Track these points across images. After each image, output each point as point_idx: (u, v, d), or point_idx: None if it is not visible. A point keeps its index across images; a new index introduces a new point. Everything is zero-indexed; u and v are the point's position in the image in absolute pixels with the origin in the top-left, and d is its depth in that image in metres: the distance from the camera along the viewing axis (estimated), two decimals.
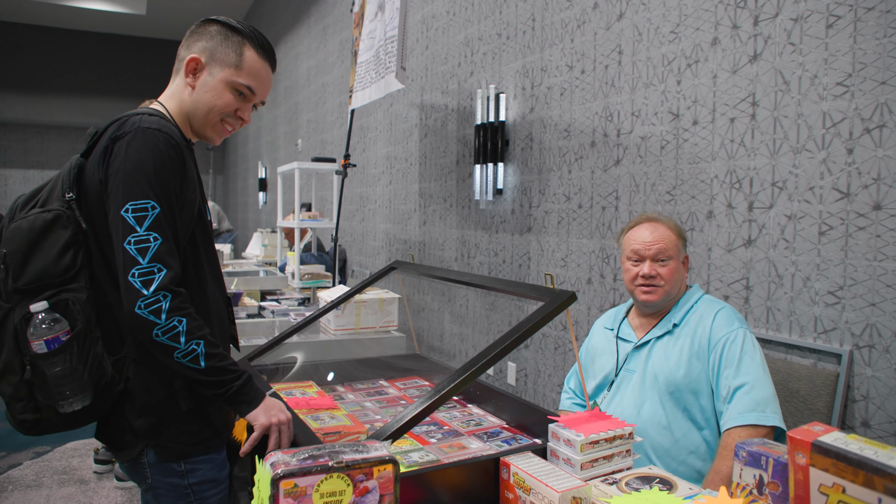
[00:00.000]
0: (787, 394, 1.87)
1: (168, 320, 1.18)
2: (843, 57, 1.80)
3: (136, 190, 1.20)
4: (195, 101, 1.36)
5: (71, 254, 1.23)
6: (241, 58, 1.36)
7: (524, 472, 1.18)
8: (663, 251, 1.72)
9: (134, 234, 1.19)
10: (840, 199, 1.82)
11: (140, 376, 1.28)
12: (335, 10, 6.24)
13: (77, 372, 1.19)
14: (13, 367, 1.21)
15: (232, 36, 1.36)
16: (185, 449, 1.31)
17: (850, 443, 0.81)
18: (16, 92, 12.29)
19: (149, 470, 1.31)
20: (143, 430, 1.28)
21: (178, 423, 1.30)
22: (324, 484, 0.97)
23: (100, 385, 1.23)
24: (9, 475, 3.36)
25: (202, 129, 1.40)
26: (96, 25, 12.27)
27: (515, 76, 3.28)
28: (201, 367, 1.22)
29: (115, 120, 1.28)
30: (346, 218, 5.90)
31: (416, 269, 2.01)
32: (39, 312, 1.18)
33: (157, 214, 1.21)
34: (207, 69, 1.36)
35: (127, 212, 1.19)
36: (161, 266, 1.19)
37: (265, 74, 1.42)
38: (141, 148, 1.22)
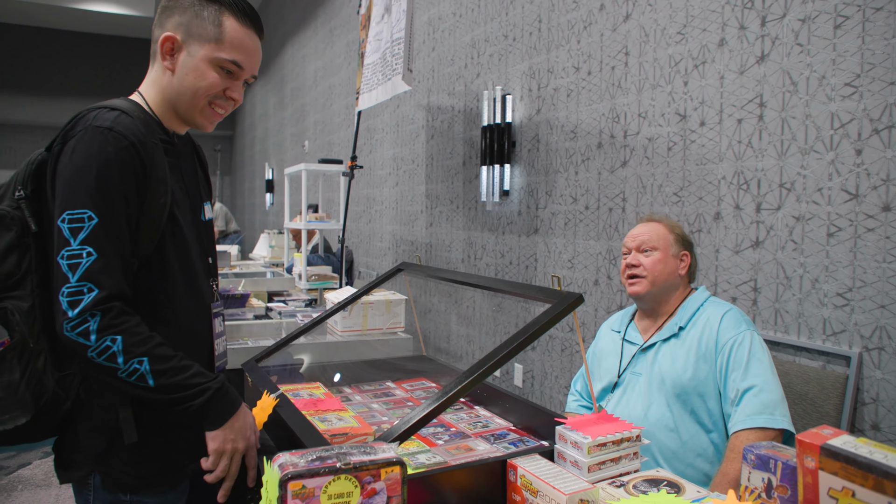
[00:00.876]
0: (795, 396, 1.86)
1: (99, 341, 1.07)
2: (851, 57, 1.80)
3: (74, 198, 1.09)
4: (177, 85, 1.23)
5: (14, 258, 1.12)
6: (221, 29, 1.21)
7: (531, 474, 1.18)
8: (646, 242, 1.76)
9: (67, 248, 1.08)
10: (849, 201, 1.81)
11: (94, 395, 1.18)
12: (342, 11, 6.26)
13: (12, 386, 1.09)
14: None
15: (208, 5, 1.20)
16: (134, 482, 1.20)
17: (860, 446, 0.80)
18: (25, 94, 12.39)
19: (92, 494, 1.20)
20: (92, 453, 1.18)
21: (129, 452, 1.18)
22: (332, 485, 0.97)
23: (40, 402, 1.12)
24: (18, 474, 3.38)
25: (190, 115, 1.26)
26: (104, 28, 12.36)
27: (522, 77, 3.28)
28: (150, 385, 1.11)
29: (77, 114, 1.17)
30: (352, 219, 5.91)
31: (422, 271, 2.01)
32: None
33: (94, 226, 1.08)
34: (185, 48, 1.21)
35: (63, 222, 1.08)
36: (91, 285, 1.07)
37: (251, 44, 1.25)
38: (86, 150, 1.10)
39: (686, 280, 1.80)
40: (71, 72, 12.69)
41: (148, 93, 1.26)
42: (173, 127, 1.30)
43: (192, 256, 1.28)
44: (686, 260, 1.79)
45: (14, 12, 11.32)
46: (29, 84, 12.40)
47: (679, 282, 1.78)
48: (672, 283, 1.76)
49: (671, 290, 1.77)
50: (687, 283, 1.80)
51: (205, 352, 1.34)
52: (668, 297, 1.77)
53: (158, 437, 1.22)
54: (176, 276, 1.23)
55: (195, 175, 1.37)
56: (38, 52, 12.46)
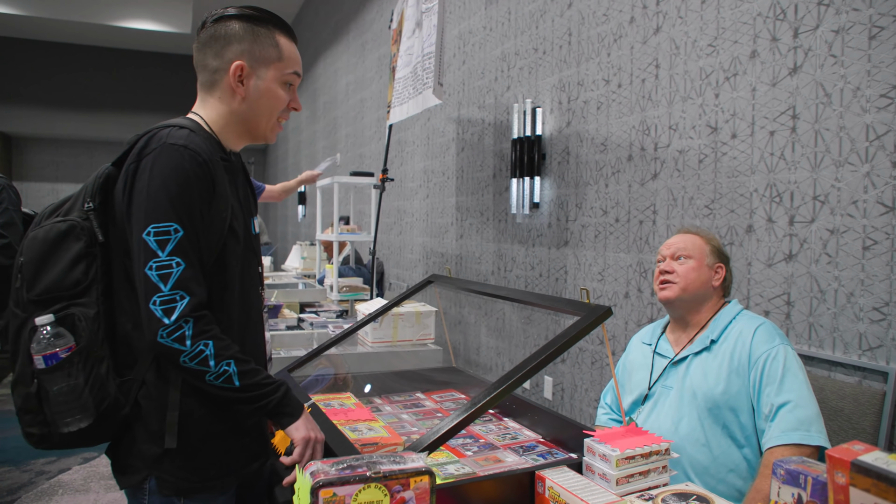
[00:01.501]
0: (830, 412, 1.83)
1: (194, 346, 1.14)
2: (886, 69, 1.77)
3: (159, 212, 1.15)
4: (251, 108, 1.31)
5: (82, 266, 1.18)
6: (280, 49, 1.31)
7: (559, 486, 1.18)
8: (681, 250, 1.77)
9: (156, 259, 1.13)
10: (885, 213, 1.78)
11: (152, 401, 1.22)
12: (373, 26, 6.35)
13: (77, 390, 1.14)
14: (24, 379, 1.17)
15: (260, 29, 1.29)
16: (186, 486, 1.23)
17: (892, 463, 0.79)
18: (68, 109, 12.78)
19: (147, 498, 1.24)
20: (149, 457, 1.22)
21: (183, 457, 1.23)
22: (362, 493, 0.99)
23: (101, 407, 1.17)
24: (59, 479, 3.47)
25: (263, 133, 1.35)
26: (143, 44, 12.71)
27: (552, 90, 3.29)
28: (236, 385, 1.18)
29: (146, 132, 1.24)
30: (383, 231, 5.97)
31: (452, 283, 2.03)
32: (44, 326, 1.14)
33: (180, 238, 1.15)
34: (254, 73, 1.29)
35: (149, 235, 1.14)
36: (183, 293, 1.14)
37: (297, 53, 1.37)
38: (165, 167, 1.16)
39: (720, 293, 1.79)
40: (111, 87, 13.05)
41: (208, 115, 1.32)
42: (230, 146, 1.36)
43: (246, 267, 1.34)
44: (721, 272, 1.78)
45: (58, 31, 11.71)
46: (71, 99, 12.79)
47: (711, 293, 1.76)
48: (704, 293, 1.75)
49: (702, 301, 1.76)
50: (720, 296, 1.79)
51: (260, 357, 1.40)
52: (699, 307, 1.76)
53: (211, 443, 1.26)
54: (234, 285, 1.29)
55: (246, 191, 1.43)
56: (80, 69, 12.85)
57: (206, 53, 1.30)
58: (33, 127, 12.64)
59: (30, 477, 3.49)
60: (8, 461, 3.70)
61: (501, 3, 3.83)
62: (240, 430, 1.30)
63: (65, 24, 11.09)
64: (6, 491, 3.30)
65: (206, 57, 1.30)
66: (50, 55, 12.61)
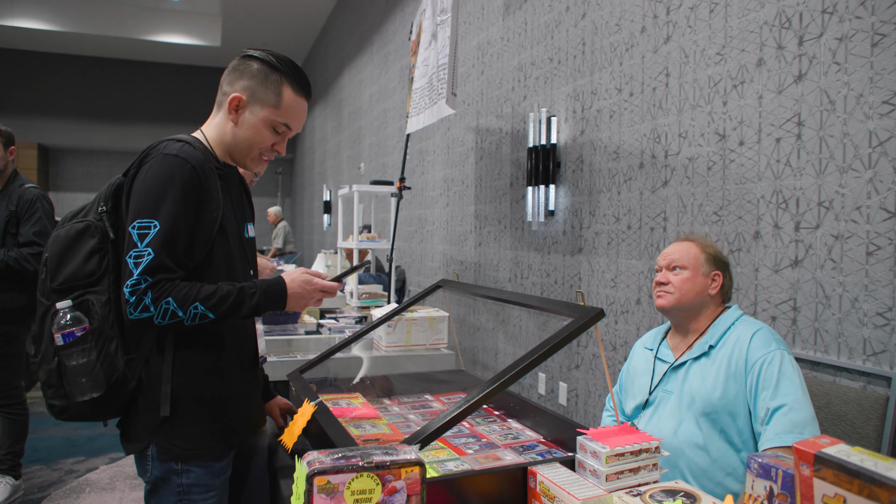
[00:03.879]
0: (834, 417, 1.84)
1: (158, 308, 1.29)
2: (888, 75, 1.79)
3: (144, 210, 1.32)
4: (236, 136, 1.47)
5: (96, 259, 1.36)
6: (280, 97, 1.46)
7: (549, 480, 1.22)
8: (676, 261, 1.80)
9: (134, 250, 1.30)
10: (888, 219, 1.79)
11: (152, 377, 1.38)
12: (396, 38, 6.45)
13: (90, 365, 1.31)
14: (47, 357, 1.35)
15: (271, 74, 1.45)
16: (183, 452, 1.39)
17: (853, 454, 0.82)
18: (102, 121, 13.15)
19: (150, 464, 1.40)
20: (150, 426, 1.38)
21: (178, 426, 1.38)
22: (355, 482, 1.04)
23: (111, 380, 1.33)
24: (87, 478, 3.59)
25: (242, 161, 1.52)
26: (175, 57, 13.04)
27: (566, 99, 3.34)
28: (212, 318, 1.34)
29: (150, 145, 1.41)
30: (405, 239, 6.04)
31: (460, 288, 2.08)
32: (63, 309, 1.31)
33: (156, 233, 1.30)
34: (249, 108, 1.45)
35: (133, 228, 1.31)
36: (148, 277, 1.29)
37: (301, 109, 1.51)
38: (156, 173, 1.34)
39: (718, 299, 1.80)
40: (143, 99, 13.40)
41: (209, 132, 1.51)
42: (225, 160, 1.53)
43: (236, 265, 1.49)
44: (718, 280, 1.79)
45: (93, 45, 12.07)
46: (105, 112, 13.16)
47: (709, 301, 1.78)
48: (700, 302, 1.77)
49: (700, 308, 1.78)
50: (719, 303, 1.81)
51: (249, 345, 1.56)
52: (696, 314, 1.78)
53: (202, 413, 1.41)
54: (222, 279, 1.43)
55: (241, 198, 1.60)
56: (114, 82, 13.23)
57: (225, 79, 1.49)
58: (69, 138, 13.03)
59: (59, 475, 3.61)
60: (40, 460, 3.84)
61: (518, 15, 3.89)
62: (228, 403, 1.45)
63: (100, 38, 11.44)
64: (37, 488, 3.42)
65: (224, 82, 1.49)
66: (86, 69, 13.00)
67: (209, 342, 1.42)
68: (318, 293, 1.50)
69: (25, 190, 3.11)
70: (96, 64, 13.05)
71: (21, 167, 11.60)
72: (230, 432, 1.46)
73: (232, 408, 1.46)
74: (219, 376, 1.44)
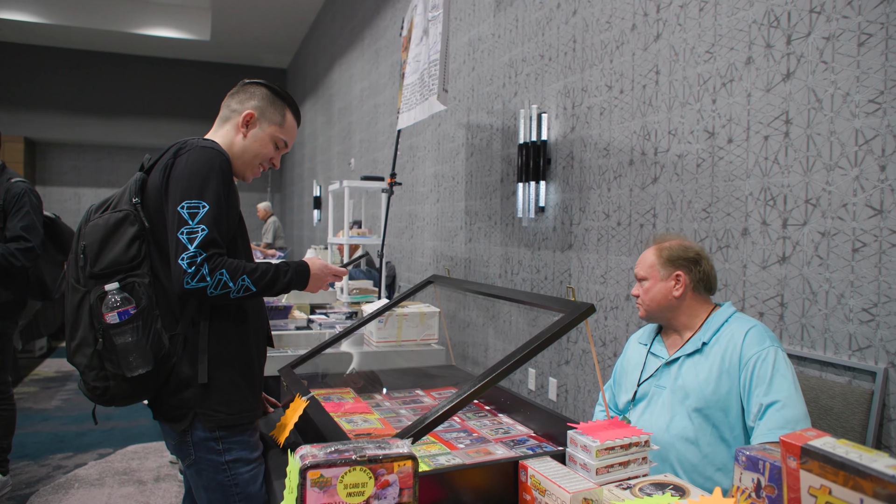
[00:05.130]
0: (821, 411, 1.86)
1: (213, 279, 1.42)
2: (874, 74, 1.81)
3: (192, 191, 1.45)
4: (245, 147, 1.66)
5: (137, 245, 1.48)
6: (284, 118, 1.70)
7: (540, 474, 1.24)
8: (638, 273, 1.88)
9: (186, 227, 1.42)
10: (873, 216, 1.82)
11: (189, 353, 1.51)
12: (387, 34, 6.44)
13: (141, 342, 1.43)
14: (88, 341, 1.45)
15: (276, 100, 1.69)
16: (226, 419, 1.52)
17: (838, 446, 0.84)
18: (90, 115, 13.04)
19: (192, 448, 1.53)
20: (190, 400, 1.51)
21: (218, 394, 1.52)
22: (347, 476, 1.05)
23: (159, 355, 1.45)
24: (75, 474, 3.58)
25: (243, 169, 1.68)
26: (164, 51, 12.94)
27: (557, 96, 3.35)
28: (254, 290, 1.49)
29: (176, 143, 1.56)
30: (395, 235, 6.04)
31: (450, 283, 2.09)
32: (112, 291, 1.43)
33: (206, 212, 1.45)
34: (259, 124, 1.66)
35: (182, 208, 1.44)
36: (202, 251, 1.42)
37: (295, 131, 1.76)
38: (198, 160, 1.49)
39: (695, 295, 1.80)
40: (132, 93, 13.30)
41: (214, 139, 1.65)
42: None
43: (250, 251, 1.70)
44: (681, 279, 1.79)
45: (81, 38, 11.96)
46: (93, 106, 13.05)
47: (679, 301, 1.79)
48: (669, 305, 1.79)
49: (674, 310, 1.80)
50: (701, 298, 1.81)
51: (264, 322, 1.72)
52: (676, 315, 1.80)
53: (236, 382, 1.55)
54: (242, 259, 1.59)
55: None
56: (102, 76, 13.11)
57: (234, 98, 1.69)
58: (56, 132, 12.91)
59: (47, 471, 3.59)
60: (27, 456, 3.82)
61: (509, 11, 3.90)
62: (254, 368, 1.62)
63: (88, 31, 11.33)
64: (25, 484, 3.40)
65: (232, 101, 1.69)
66: (73, 62, 12.88)
67: (237, 315, 1.57)
68: (331, 276, 1.70)
69: (13, 184, 3.08)
70: (84, 57, 12.93)
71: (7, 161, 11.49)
72: (257, 396, 1.61)
73: (255, 373, 1.62)
74: (246, 346, 1.59)
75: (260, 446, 1.61)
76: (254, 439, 1.59)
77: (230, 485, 1.53)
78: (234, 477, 1.53)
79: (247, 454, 1.55)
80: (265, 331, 1.72)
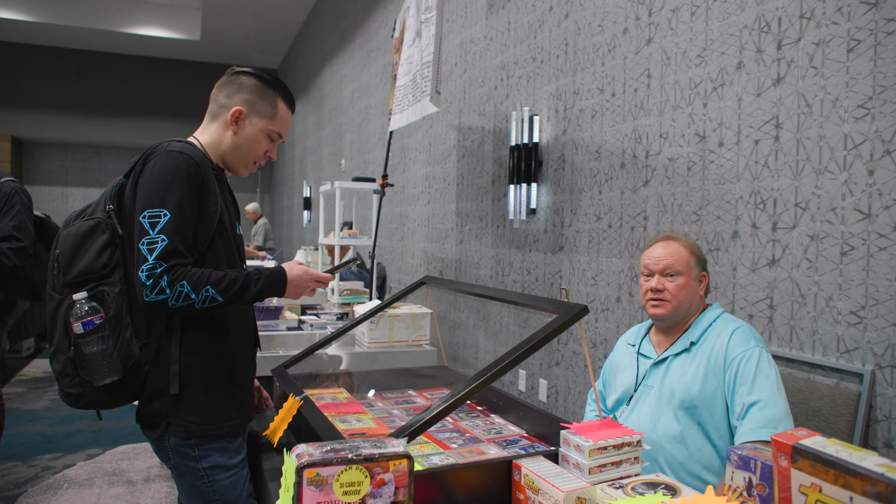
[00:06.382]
0: (809, 413, 1.89)
1: (173, 291, 1.38)
2: (863, 80, 1.84)
3: (154, 200, 1.41)
4: (236, 144, 1.60)
5: (108, 253, 1.45)
6: (276, 110, 1.62)
7: (534, 473, 1.24)
8: (670, 266, 1.77)
9: (147, 237, 1.38)
10: (861, 220, 1.84)
11: (162, 361, 1.48)
12: (378, 35, 6.44)
13: (107, 351, 1.40)
14: (62, 348, 1.43)
15: (267, 89, 1.61)
16: (197, 429, 1.49)
17: (828, 445, 0.86)
18: (78, 114, 12.95)
19: (171, 453, 1.51)
20: (162, 409, 1.48)
21: (189, 405, 1.49)
22: (343, 474, 1.06)
23: (128, 364, 1.43)
24: (64, 474, 3.55)
25: (237, 166, 1.64)
26: (153, 51, 12.88)
27: (549, 99, 3.37)
28: (221, 301, 1.43)
29: (153, 146, 1.51)
30: (386, 236, 6.04)
31: (443, 284, 2.10)
32: (80, 300, 1.40)
33: (167, 221, 1.40)
34: (248, 119, 1.60)
35: (144, 217, 1.40)
36: (163, 262, 1.38)
37: (289, 120, 1.69)
38: (163, 166, 1.44)
39: (702, 298, 1.84)
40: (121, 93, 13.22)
41: (203, 138, 1.61)
42: (217, 163, 1.64)
43: (234, 258, 1.61)
44: (704, 281, 1.82)
45: (69, 37, 11.88)
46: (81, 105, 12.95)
47: (699, 302, 1.82)
48: (693, 305, 1.80)
49: (689, 311, 1.81)
50: (702, 300, 1.84)
51: (250, 329, 1.67)
52: (686, 316, 1.81)
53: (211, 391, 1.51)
54: (223, 268, 1.53)
55: (232, 198, 1.71)
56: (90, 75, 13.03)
57: (221, 92, 1.61)
58: (44, 131, 12.81)
59: (36, 472, 3.56)
60: (15, 456, 3.79)
61: (501, 14, 3.91)
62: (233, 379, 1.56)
63: (76, 30, 11.26)
64: (13, 485, 3.37)
65: (220, 94, 1.61)
66: (61, 61, 12.79)
67: (214, 325, 1.52)
68: (313, 283, 1.63)
69: (3, 184, 3.05)
70: (73, 56, 12.84)
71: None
72: (237, 406, 1.56)
73: (236, 383, 1.56)
74: (223, 356, 1.54)
75: (242, 451, 1.58)
76: (234, 445, 1.55)
77: (208, 491, 1.51)
78: (212, 483, 1.51)
79: (225, 460, 1.53)
80: (251, 336, 1.67)
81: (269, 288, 1.53)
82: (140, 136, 13.13)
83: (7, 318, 3.19)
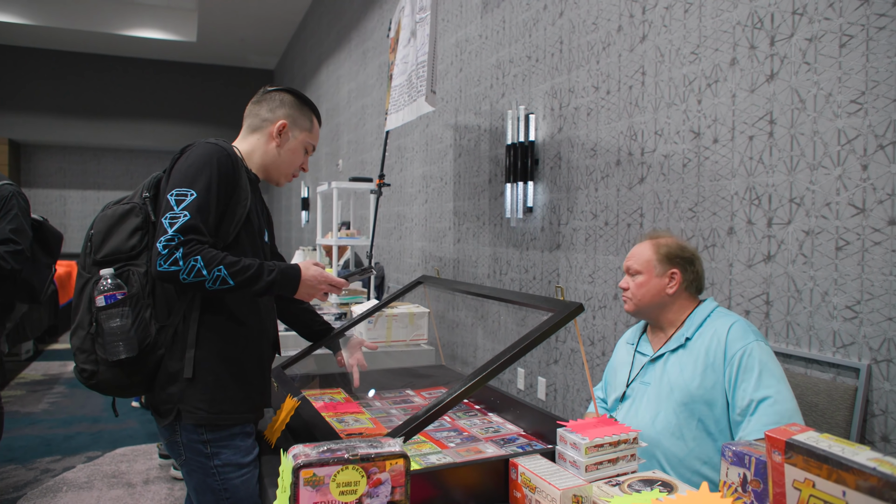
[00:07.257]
0: (805, 407, 1.89)
1: (186, 264, 1.41)
2: (856, 75, 1.84)
3: (184, 181, 1.48)
4: (280, 156, 1.71)
5: (139, 236, 1.52)
6: (312, 125, 1.77)
7: (531, 471, 1.25)
8: (631, 267, 1.87)
9: (171, 212, 1.44)
10: (856, 215, 1.85)
11: (178, 346, 1.52)
12: (374, 35, 6.44)
13: (125, 327, 1.45)
14: (83, 324, 1.49)
15: (303, 107, 1.75)
16: (206, 416, 1.52)
17: (821, 441, 0.86)
18: (75, 117, 12.91)
19: (182, 448, 1.54)
20: (175, 394, 1.52)
21: (202, 389, 1.52)
22: (340, 474, 1.06)
23: (144, 343, 1.48)
24: (63, 477, 3.56)
25: (278, 176, 1.74)
26: (150, 53, 12.85)
27: (544, 97, 3.37)
28: (232, 284, 1.46)
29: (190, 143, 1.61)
30: (384, 236, 6.05)
31: (441, 284, 2.10)
32: (107, 276, 1.47)
33: (192, 199, 1.46)
34: (290, 132, 1.71)
35: (171, 195, 1.46)
36: (181, 236, 1.43)
37: (319, 132, 1.82)
38: (197, 154, 1.53)
39: (685, 294, 1.83)
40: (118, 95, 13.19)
41: (243, 146, 1.71)
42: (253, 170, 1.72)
43: (262, 254, 1.67)
44: (676, 278, 1.81)
45: (66, 40, 11.86)
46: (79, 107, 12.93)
47: (670, 299, 1.81)
48: (660, 302, 1.81)
49: (664, 307, 1.82)
50: (690, 297, 1.84)
51: (270, 329, 1.70)
52: (664, 312, 1.82)
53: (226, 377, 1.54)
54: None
55: (263, 206, 1.79)
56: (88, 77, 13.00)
57: (262, 107, 1.72)
58: (41, 134, 12.78)
59: (35, 475, 3.57)
60: (15, 459, 3.79)
61: (496, 13, 3.91)
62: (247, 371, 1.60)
63: (73, 33, 11.24)
64: (12, 488, 3.38)
65: (261, 109, 1.72)
66: (58, 64, 12.76)
67: (232, 315, 1.57)
68: (326, 286, 1.66)
69: (0, 187, 3.06)
70: (70, 59, 12.80)
71: None
72: (246, 399, 1.58)
73: (248, 377, 1.59)
74: (239, 349, 1.57)
75: (254, 450, 1.59)
76: (246, 444, 1.57)
77: (219, 489, 1.53)
78: (223, 482, 1.53)
79: (237, 458, 1.54)
80: (270, 336, 1.70)
81: (282, 282, 1.55)
82: (138, 138, 13.11)
83: (6, 322, 3.19)
